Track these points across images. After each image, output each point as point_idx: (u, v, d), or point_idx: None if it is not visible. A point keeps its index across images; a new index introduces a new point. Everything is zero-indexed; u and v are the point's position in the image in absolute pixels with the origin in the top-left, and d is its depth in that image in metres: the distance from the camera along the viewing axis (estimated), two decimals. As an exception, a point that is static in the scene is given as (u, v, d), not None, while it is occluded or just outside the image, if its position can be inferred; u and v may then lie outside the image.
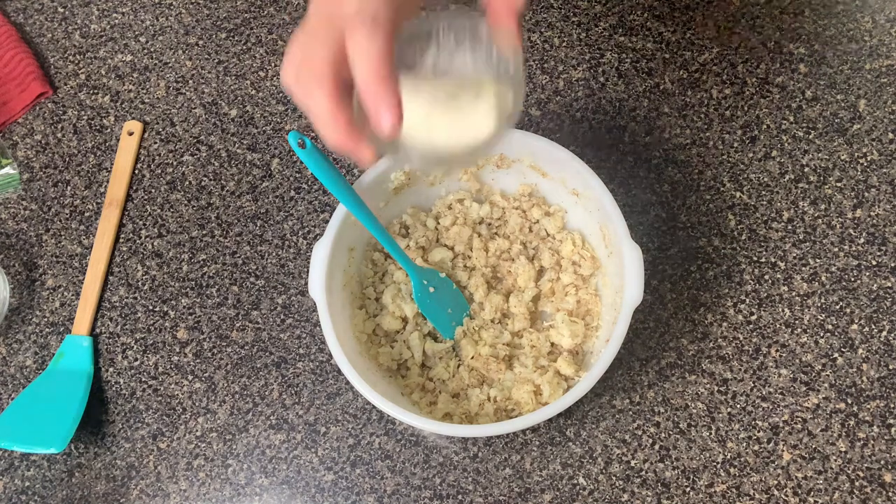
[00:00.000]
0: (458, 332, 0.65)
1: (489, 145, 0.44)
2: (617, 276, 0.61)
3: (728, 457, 0.62)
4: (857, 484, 0.60)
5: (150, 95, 0.78)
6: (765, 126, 0.72)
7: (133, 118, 0.77)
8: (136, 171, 0.75)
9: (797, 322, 0.65)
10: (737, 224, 0.69)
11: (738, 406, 0.63)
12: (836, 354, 0.64)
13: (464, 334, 0.65)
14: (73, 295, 0.71)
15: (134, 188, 0.74)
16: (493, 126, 0.43)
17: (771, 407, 0.63)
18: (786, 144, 0.71)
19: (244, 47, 0.79)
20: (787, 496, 0.60)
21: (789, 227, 0.68)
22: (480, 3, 0.44)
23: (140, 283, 0.71)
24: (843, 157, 0.70)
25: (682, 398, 0.64)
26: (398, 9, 0.38)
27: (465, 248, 0.67)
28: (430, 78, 0.43)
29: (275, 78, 0.77)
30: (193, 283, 0.70)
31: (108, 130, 0.77)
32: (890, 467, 0.61)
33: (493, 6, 0.42)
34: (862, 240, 0.67)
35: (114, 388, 0.67)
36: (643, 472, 0.62)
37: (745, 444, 0.62)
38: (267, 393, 0.66)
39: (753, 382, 0.64)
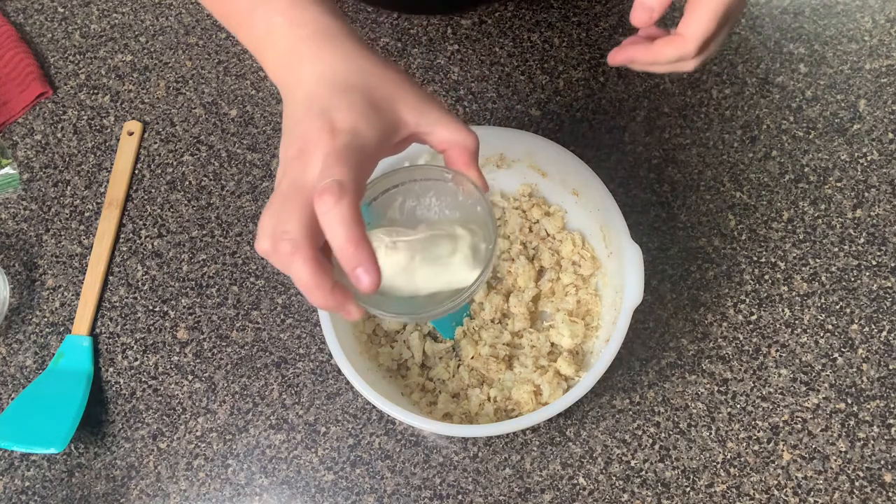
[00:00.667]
0: (458, 332, 0.65)
1: (472, 292, 0.46)
2: (617, 276, 0.61)
3: (728, 457, 0.62)
4: (857, 484, 0.60)
5: (150, 95, 0.78)
6: (765, 126, 0.72)
7: (133, 118, 0.77)
8: (136, 171, 0.75)
9: (797, 322, 0.65)
10: (737, 224, 0.69)
11: (738, 406, 0.63)
12: (836, 354, 0.64)
13: (464, 334, 0.65)
14: (73, 295, 0.71)
15: (134, 188, 0.74)
16: (473, 275, 0.45)
17: (771, 407, 0.63)
18: (786, 144, 0.71)
19: (244, 47, 0.79)
20: (787, 496, 0.60)
21: (789, 227, 0.68)
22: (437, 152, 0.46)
23: (140, 283, 0.71)
24: (843, 157, 0.70)
25: (682, 398, 0.64)
26: (360, 171, 0.41)
27: (465, 248, 0.67)
28: (403, 231, 0.46)
29: (275, 78, 0.77)
30: (193, 283, 0.70)
31: (108, 130, 0.77)
32: (890, 467, 0.61)
33: (449, 155, 0.45)
34: (862, 240, 0.67)
35: (114, 388, 0.67)
36: (643, 472, 0.62)
37: (745, 444, 0.62)
38: (267, 393, 0.66)
39: (753, 382, 0.64)
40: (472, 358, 0.64)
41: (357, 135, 0.41)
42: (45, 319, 0.70)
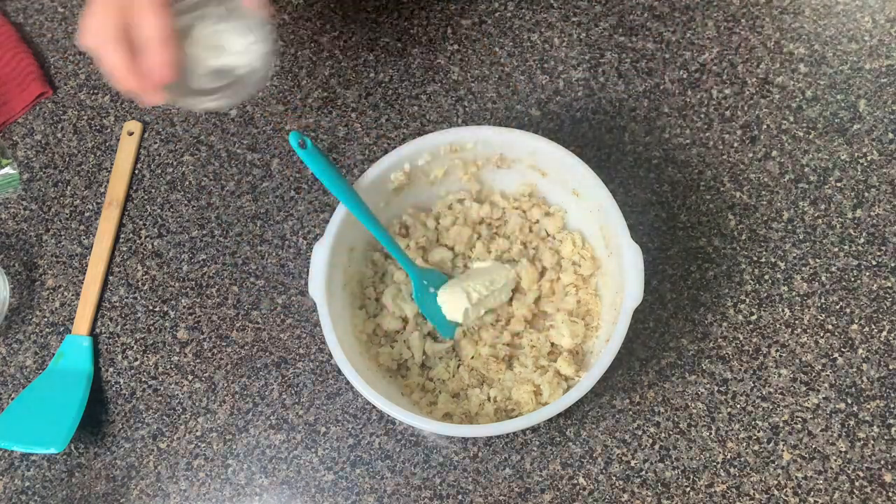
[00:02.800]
0: (458, 332, 0.65)
1: (251, 80, 0.57)
2: (617, 276, 0.61)
3: (728, 457, 0.62)
4: (857, 484, 0.60)
5: (150, 95, 0.78)
6: (765, 126, 0.72)
7: (133, 118, 0.77)
8: (136, 171, 0.75)
9: (797, 322, 0.65)
10: (737, 224, 0.69)
11: (738, 406, 0.63)
12: (836, 354, 0.64)
13: (464, 334, 0.65)
14: (73, 295, 0.71)
15: (134, 188, 0.74)
16: (254, 60, 0.58)
17: (771, 407, 0.63)
18: (786, 144, 0.71)
19: (244, 47, 0.79)
20: (787, 496, 0.60)
21: (789, 227, 0.68)
22: None
23: (140, 283, 0.71)
24: (843, 157, 0.70)
25: (682, 398, 0.64)
26: None
27: (465, 248, 0.67)
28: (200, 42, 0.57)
29: (274, 78, 0.77)
30: (193, 283, 0.70)
31: (108, 130, 0.77)
32: (890, 467, 0.61)
33: None
34: (862, 240, 0.67)
35: (114, 388, 0.67)
36: (643, 472, 0.62)
37: (745, 444, 0.62)
38: (267, 393, 0.66)
39: (753, 382, 0.64)
40: (472, 358, 0.64)
41: None
42: (45, 319, 0.70)
